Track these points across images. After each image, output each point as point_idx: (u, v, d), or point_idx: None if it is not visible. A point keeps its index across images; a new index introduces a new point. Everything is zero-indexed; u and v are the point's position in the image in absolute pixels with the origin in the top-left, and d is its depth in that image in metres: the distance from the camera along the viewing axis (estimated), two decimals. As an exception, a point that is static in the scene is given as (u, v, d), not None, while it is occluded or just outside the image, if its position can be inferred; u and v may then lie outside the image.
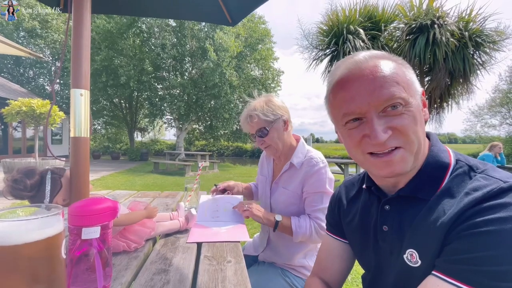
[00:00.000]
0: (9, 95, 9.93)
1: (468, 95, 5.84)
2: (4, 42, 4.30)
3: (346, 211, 0.74)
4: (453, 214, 0.46)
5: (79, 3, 0.91)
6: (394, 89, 0.49)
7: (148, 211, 0.97)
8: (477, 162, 0.53)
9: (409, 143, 0.51)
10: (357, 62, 0.53)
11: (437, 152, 0.56)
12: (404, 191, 0.56)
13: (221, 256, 0.86)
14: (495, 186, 0.45)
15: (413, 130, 0.50)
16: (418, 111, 0.52)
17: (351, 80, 0.53)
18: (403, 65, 0.54)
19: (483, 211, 0.43)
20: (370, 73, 0.51)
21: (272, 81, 17.35)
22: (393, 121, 0.50)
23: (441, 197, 0.51)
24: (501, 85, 19.82)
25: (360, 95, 0.51)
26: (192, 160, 11.88)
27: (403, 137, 0.50)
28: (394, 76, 0.50)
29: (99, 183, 7.08)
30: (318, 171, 1.15)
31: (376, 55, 0.54)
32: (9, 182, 0.80)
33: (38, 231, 0.44)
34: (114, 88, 14.34)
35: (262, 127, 1.18)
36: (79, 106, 0.89)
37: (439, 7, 5.23)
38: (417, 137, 0.51)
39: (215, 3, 1.54)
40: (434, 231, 0.48)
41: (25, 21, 15.82)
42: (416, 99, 0.52)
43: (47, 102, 5.71)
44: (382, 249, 0.61)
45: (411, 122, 0.50)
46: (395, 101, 0.49)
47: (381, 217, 0.60)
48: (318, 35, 6.45)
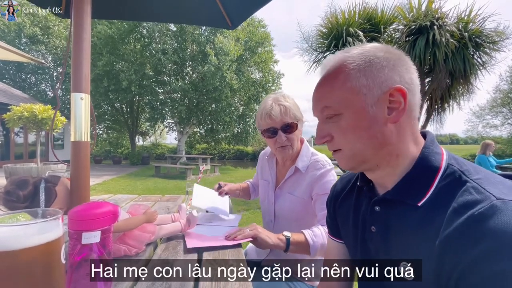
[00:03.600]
0: (11, 101, 10.00)
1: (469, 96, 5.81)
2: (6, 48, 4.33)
3: (340, 207, 0.73)
4: (443, 238, 0.44)
5: (80, 7, 0.92)
6: (325, 101, 0.56)
7: (148, 216, 0.95)
8: (471, 166, 0.50)
9: (343, 147, 0.56)
10: (322, 67, 0.59)
11: (428, 154, 0.53)
12: (389, 194, 0.55)
13: (223, 260, 0.85)
14: (487, 204, 0.42)
15: (346, 137, 0.54)
16: (359, 117, 0.52)
17: (315, 88, 0.60)
18: (353, 70, 0.52)
19: (477, 261, 0.39)
20: (319, 83, 0.58)
21: (272, 83, 17.42)
22: (331, 128, 0.56)
23: (431, 208, 0.49)
24: (502, 85, 19.80)
25: (312, 103, 0.60)
26: (194, 164, 11.89)
27: (336, 143, 0.56)
28: (331, 87, 0.55)
29: (101, 188, 7.08)
30: (326, 173, 1.11)
31: (330, 62, 0.57)
32: (2, 194, 0.79)
33: (37, 236, 0.43)
34: (116, 93, 14.41)
35: (293, 122, 1.11)
36: (79, 110, 0.89)
37: (438, 8, 5.23)
38: (351, 143, 0.54)
39: (215, 7, 1.55)
40: (426, 247, 0.47)
41: (27, 27, 15.98)
42: (359, 105, 0.52)
43: (49, 107, 5.74)
44: (369, 250, 0.61)
45: (344, 129, 0.54)
46: (326, 112, 0.56)
47: (370, 217, 0.60)
48: (317, 38, 6.47)
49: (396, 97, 0.51)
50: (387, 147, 0.53)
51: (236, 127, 16.21)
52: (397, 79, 0.52)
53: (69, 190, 0.93)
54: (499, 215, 0.40)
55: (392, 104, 0.52)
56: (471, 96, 5.79)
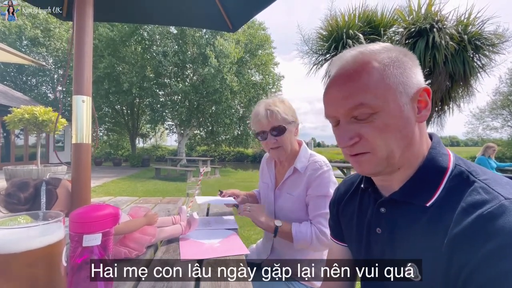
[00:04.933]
0: (11, 103, 10.02)
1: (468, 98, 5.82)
2: (7, 50, 4.36)
3: (344, 210, 0.73)
4: (452, 237, 0.44)
5: (82, 11, 0.92)
6: (360, 97, 0.50)
7: (148, 218, 0.95)
8: (478, 168, 0.51)
9: (376, 149, 0.51)
10: (343, 63, 0.54)
11: (435, 155, 0.53)
12: (396, 195, 0.55)
13: (224, 262, 0.85)
14: (495, 203, 0.42)
15: (382, 137, 0.50)
16: (396, 116, 0.49)
17: (332, 83, 0.54)
18: (387, 66, 0.50)
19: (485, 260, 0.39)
20: (344, 79, 0.52)
21: (272, 85, 17.46)
22: (361, 129, 0.51)
23: (439, 208, 0.48)
24: (501, 87, 19.81)
25: (333, 101, 0.54)
26: (194, 166, 11.87)
27: (368, 145, 0.51)
28: (365, 83, 0.50)
29: (101, 190, 7.07)
30: (322, 174, 1.13)
31: (358, 57, 0.52)
32: (3, 196, 0.79)
33: (39, 238, 0.43)
34: (116, 95, 14.45)
35: (281, 125, 1.15)
36: (81, 112, 0.89)
37: (437, 11, 5.26)
38: (386, 144, 0.50)
39: (216, 10, 1.56)
40: (434, 247, 0.47)
41: (28, 29, 16.06)
42: (395, 103, 0.49)
43: (50, 109, 5.75)
44: (373, 251, 0.60)
45: (381, 129, 0.50)
46: (360, 110, 0.50)
47: (375, 219, 0.59)
48: (318, 40, 6.49)
49: (423, 97, 0.52)
50: (412, 147, 0.52)
51: (236, 129, 16.22)
52: (421, 79, 0.53)
53: (70, 192, 0.93)
54: (508, 215, 0.40)
55: (420, 103, 0.52)
56: (471, 98, 5.80)
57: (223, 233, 1.13)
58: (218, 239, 1.06)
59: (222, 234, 1.12)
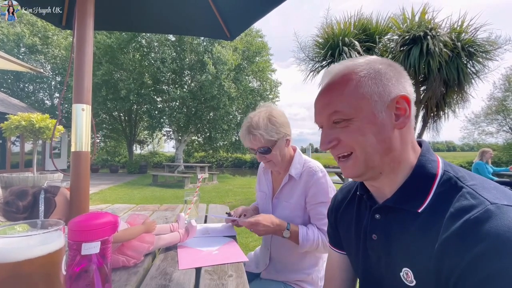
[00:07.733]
0: (8, 110, 9.98)
1: (463, 104, 5.91)
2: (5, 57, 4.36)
3: (342, 218, 0.74)
4: (441, 242, 0.45)
5: (82, 20, 0.94)
6: (335, 105, 0.56)
7: (146, 226, 0.95)
8: (465, 173, 0.53)
9: (354, 152, 0.56)
10: (328, 75, 0.60)
11: (424, 162, 0.55)
12: (389, 201, 0.56)
13: (222, 270, 0.85)
14: (481, 208, 0.43)
15: (357, 140, 0.54)
16: (370, 122, 0.53)
17: (318, 93, 0.61)
18: (363, 77, 0.54)
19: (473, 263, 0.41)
20: (326, 89, 0.58)
21: (270, 92, 17.58)
22: (340, 133, 0.56)
23: (430, 214, 0.50)
24: (495, 93, 20.15)
25: (317, 109, 0.61)
26: (191, 172, 11.81)
27: (346, 148, 0.56)
28: (341, 93, 0.55)
29: (98, 197, 7.00)
30: (318, 180, 1.14)
31: (341, 70, 0.58)
32: (1, 204, 0.79)
33: (39, 247, 0.43)
34: (114, 102, 14.44)
35: (265, 146, 1.14)
36: (80, 120, 0.90)
37: (431, 19, 5.37)
38: (362, 147, 0.54)
39: (213, 19, 1.59)
40: (426, 252, 0.48)
41: (26, 37, 16.11)
42: (369, 110, 0.53)
43: (47, 116, 5.73)
44: (370, 258, 0.62)
45: (356, 134, 0.54)
46: (336, 117, 0.56)
47: (371, 226, 0.61)
48: (314, 48, 6.58)
49: (401, 104, 0.55)
50: (392, 153, 0.54)
51: (234, 135, 16.22)
52: (401, 89, 0.55)
53: (68, 200, 0.92)
54: (493, 219, 0.41)
55: (398, 111, 0.55)
56: (465, 104, 5.89)
57: (221, 240, 1.13)
58: (217, 247, 1.05)
59: (221, 241, 1.12)
